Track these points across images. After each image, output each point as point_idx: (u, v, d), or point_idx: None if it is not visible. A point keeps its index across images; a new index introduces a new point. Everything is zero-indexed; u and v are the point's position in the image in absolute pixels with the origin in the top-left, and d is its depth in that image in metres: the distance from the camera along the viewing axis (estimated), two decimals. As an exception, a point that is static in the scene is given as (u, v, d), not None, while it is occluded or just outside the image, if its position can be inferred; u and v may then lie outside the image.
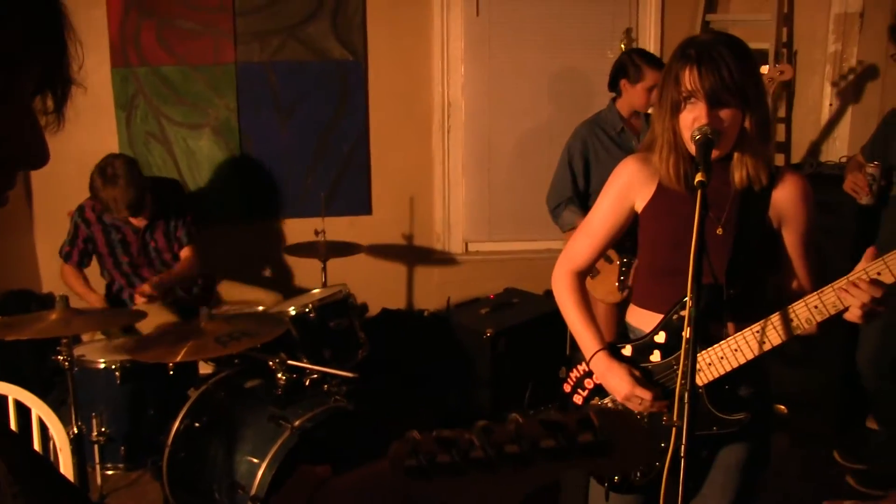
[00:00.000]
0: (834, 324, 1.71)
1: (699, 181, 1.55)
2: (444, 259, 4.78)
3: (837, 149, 4.28)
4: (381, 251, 4.69)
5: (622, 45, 4.16)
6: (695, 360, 1.48)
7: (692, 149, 1.70)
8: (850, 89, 4.19)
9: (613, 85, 3.56)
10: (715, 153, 1.69)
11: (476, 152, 4.72)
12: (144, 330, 3.20)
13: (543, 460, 0.75)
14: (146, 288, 3.36)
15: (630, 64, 3.48)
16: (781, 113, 4.59)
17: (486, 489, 0.77)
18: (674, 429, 1.50)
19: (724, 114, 1.69)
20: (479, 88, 4.65)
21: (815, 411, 3.88)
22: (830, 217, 3.75)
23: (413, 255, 4.77)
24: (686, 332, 1.48)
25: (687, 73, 1.69)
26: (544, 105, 4.69)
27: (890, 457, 3.31)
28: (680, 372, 1.50)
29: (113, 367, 2.88)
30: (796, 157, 4.50)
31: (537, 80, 4.66)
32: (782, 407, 4.03)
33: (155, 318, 3.28)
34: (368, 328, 3.59)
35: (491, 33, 4.60)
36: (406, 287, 4.78)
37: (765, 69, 3.61)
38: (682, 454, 1.45)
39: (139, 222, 3.56)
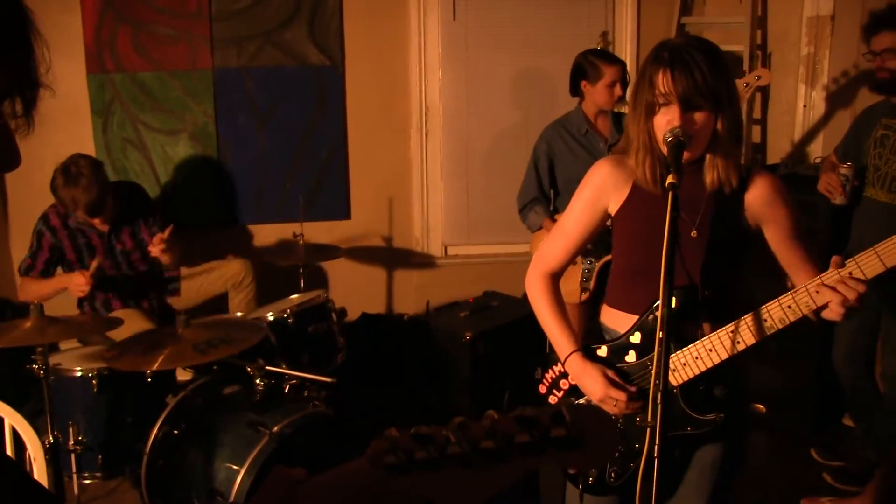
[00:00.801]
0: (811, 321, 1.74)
1: (670, 183, 1.57)
2: (423, 262, 4.79)
3: (812, 150, 4.32)
4: (361, 255, 4.69)
5: (599, 48, 4.19)
6: (667, 362, 1.49)
7: (665, 151, 1.72)
8: (824, 91, 4.24)
9: (575, 89, 3.60)
10: (687, 155, 1.70)
11: (454, 155, 4.73)
12: (117, 337, 3.17)
13: (518, 455, 0.78)
14: (164, 235, 3.40)
15: (587, 64, 3.52)
16: (757, 114, 4.64)
17: (464, 484, 0.79)
18: (647, 429, 1.51)
19: (697, 117, 1.71)
20: (457, 92, 4.67)
21: (793, 410, 3.91)
22: (807, 217, 3.79)
23: (392, 258, 4.77)
24: (658, 334, 1.49)
25: (661, 76, 1.71)
26: (521, 108, 4.71)
27: (865, 453, 3.34)
28: (653, 373, 1.52)
29: (90, 375, 2.86)
30: (772, 158, 4.54)
31: (514, 83, 4.69)
32: (760, 406, 4.06)
33: (131, 325, 3.26)
34: (348, 333, 3.59)
35: (468, 37, 4.61)
36: (386, 291, 4.78)
37: (746, 78, 3.63)
38: (655, 454, 1.46)
39: (102, 226, 3.54)
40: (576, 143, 3.54)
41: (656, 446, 1.47)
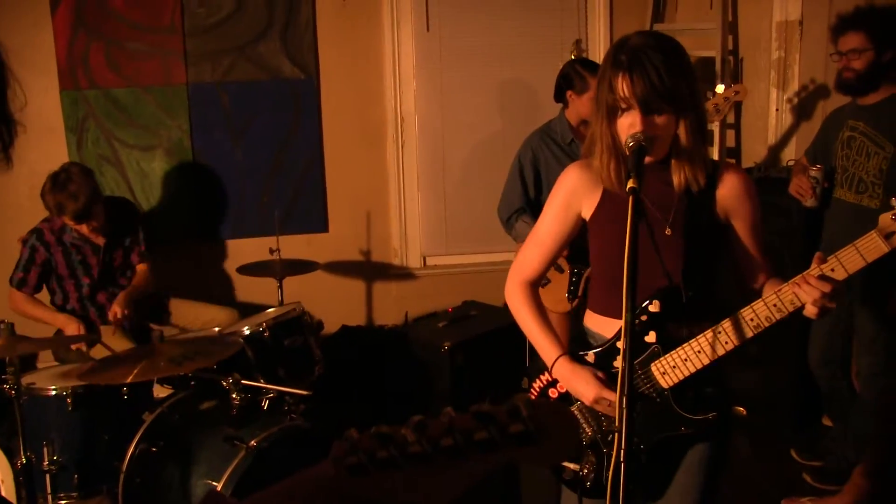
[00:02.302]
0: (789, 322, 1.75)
1: (630, 188, 1.57)
2: (402, 274, 4.79)
3: (785, 153, 4.36)
4: (340, 268, 4.68)
5: (572, 56, 4.21)
6: (632, 368, 1.50)
7: (628, 154, 1.72)
8: (795, 95, 4.28)
9: (559, 96, 3.57)
10: (650, 158, 1.71)
11: (431, 166, 4.74)
12: (96, 355, 3.15)
13: (478, 452, 0.78)
14: (117, 309, 3.46)
15: (574, 75, 3.49)
16: (731, 119, 4.67)
17: (427, 483, 0.79)
18: (619, 433, 1.51)
19: (659, 120, 1.71)
20: (432, 102, 4.68)
21: (773, 411, 3.93)
22: (781, 219, 3.82)
23: (371, 270, 4.77)
24: (623, 342, 1.49)
25: (620, 80, 1.70)
26: (496, 117, 4.73)
27: (844, 452, 3.36)
28: (618, 376, 1.52)
29: (64, 393, 2.83)
30: (746, 162, 4.58)
31: (489, 92, 4.71)
32: (741, 408, 4.07)
33: (109, 343, 3.24)
34: (328, 345, 3.58)
35: (441, 48, 4.63)
36: (365, 303, 4.78)
37: (720, 89, 3.60)
38: (622, 458, 1.47)
39: (98, 240, 3.55)
40: (561, 152, 3.50)
41: (622, 451, 1.47)
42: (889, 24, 3.02)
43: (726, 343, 1.75)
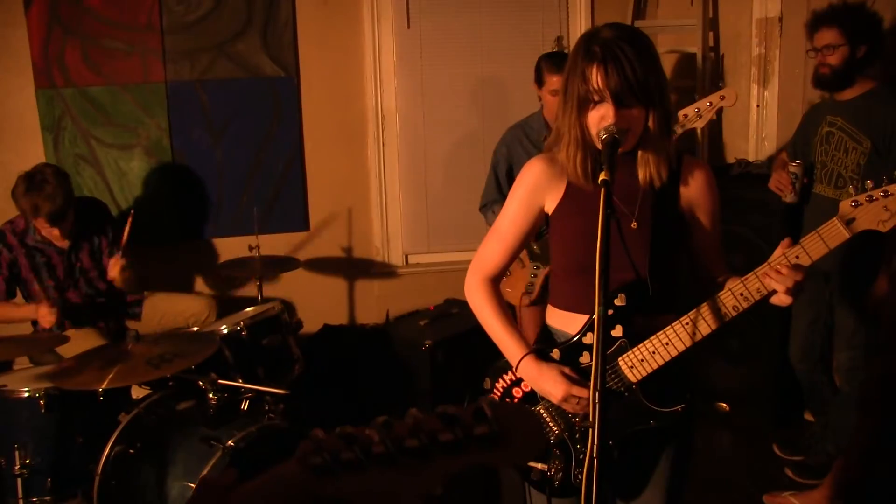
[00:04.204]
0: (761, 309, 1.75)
1: (603, 180, 1.56)
2: (384, 272, 4.76)
3: (767, 149, 4.36)
4: (321, 266, 4.65)
5: (559, 51, 4.21)
6: (605, 362, 1.48)
7: (600, 146, 1.70)
8: (775, 90, 4.29)
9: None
10: (619, 150, 1.70)
11: (412, 164, 4.72)
12: (69, 355, 3.11)
13: (443, 454, 0.77)
14: (118, 260, 3.49)
15: (537, 68, 3.52)
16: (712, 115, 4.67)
17: (391, 485, 0.78)
18: (591, 430, 1.50)
19: (630, 113, 1.70)
20: (413, 100, 4.66)
21: (755, 406, 3.94)
22: (760, 215, 3.82)
23: (353, 269, 4.74)
24: (594, 334, 1.48)
25: (594, 71, 1.68)
26: (478, 114, 4.71)
27: (824, 447, 3.37)
28: (593, 372, 1.50)
29: (37, 395, 2.79)
30: (727, 158, 4.58)
31: (470, 89, 4.69)
32: (724, 404, 4.08)
33: (82, 342, 3.21)
34: (309, 344, 3.55)
35: (422, 45, 4.61)
36: (347, 302, 4.75)
37: (710, 98, 3.41)
38: (594, 455, 1.45)
39: (62, 242, 3.48)
40: (534, 148, 3.49)
41: (595, 447, 1.45)
42: (862, 20, 3.06)
43: (694, 334, 1.74)
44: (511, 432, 0.78)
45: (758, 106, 4.43)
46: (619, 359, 1.80)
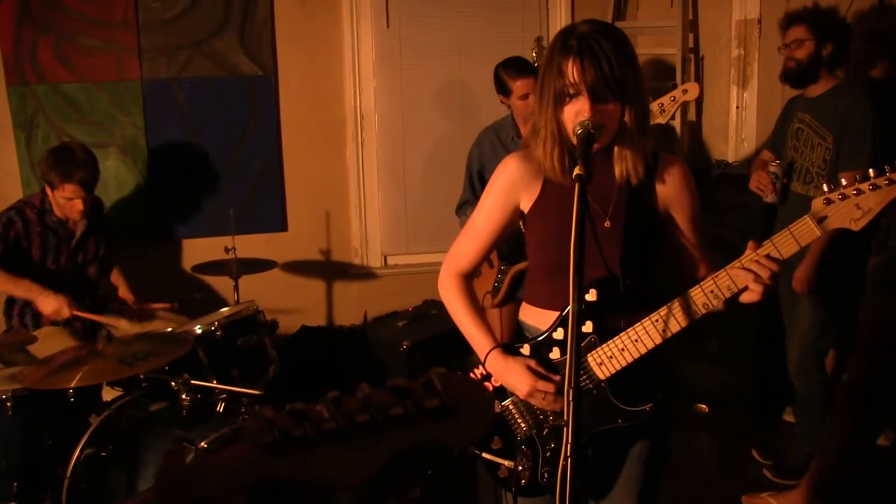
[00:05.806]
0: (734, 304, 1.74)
1: (577, 174, 1.54)
2: (362, 274, 4.72)
3: (747, 150, 4.38)
4: (299, 268, 4.61)
5: (534, 54, 4.18)
6: (579, 358, 1.46)
7: (575, 141, 1.68)
8: (755, 92, 4.30)
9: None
10: (595, 146, 1.67)
11: (390, 164, 4.68)
12: (41, 355, 3.04)
13: (394, 428, 0.78)
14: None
15: (497, 80, 3.50)
16: (692, 117, 4.68)
17: (344, 460, 0.79)
18: (558, 428, 1.47)
19: (606, 108, 1.68)
20: (392, 100, 4.63)
21: (735, 408, 3.94)
22: (741, 216, 3.83)
23: (331, 270, 4.70)
24: (570, 330, 1.45)
25: (570, 65, 1.67)
26: (457, 115, 4.69)
27: (802, 447, 3.37)
28: (567, 370, 1.47)
29: (4, 396, 2.72)
30: (707, 159, 4.59)
31: (450, 90, 4.66)
32: (703, 406, 4.08)
33: (54, 342, 3.14)
34: (287, 346, 3.51)
35: (402, 45, 4.58)
36: (325, 303, 4.71)
37: (672, 93, 3.45)
38: (568, 454, 1.42)
39: (78, 224, 3.50)
40: (504, 150, 3.48)
41: (569, 445, 1.42)
42: (830, 19, 3.16)
43: (664, 331, 1.73)
44: (461, 404, 0.80)
45: (737, 107, 4.45)
46: (589, 355, 1.78)
